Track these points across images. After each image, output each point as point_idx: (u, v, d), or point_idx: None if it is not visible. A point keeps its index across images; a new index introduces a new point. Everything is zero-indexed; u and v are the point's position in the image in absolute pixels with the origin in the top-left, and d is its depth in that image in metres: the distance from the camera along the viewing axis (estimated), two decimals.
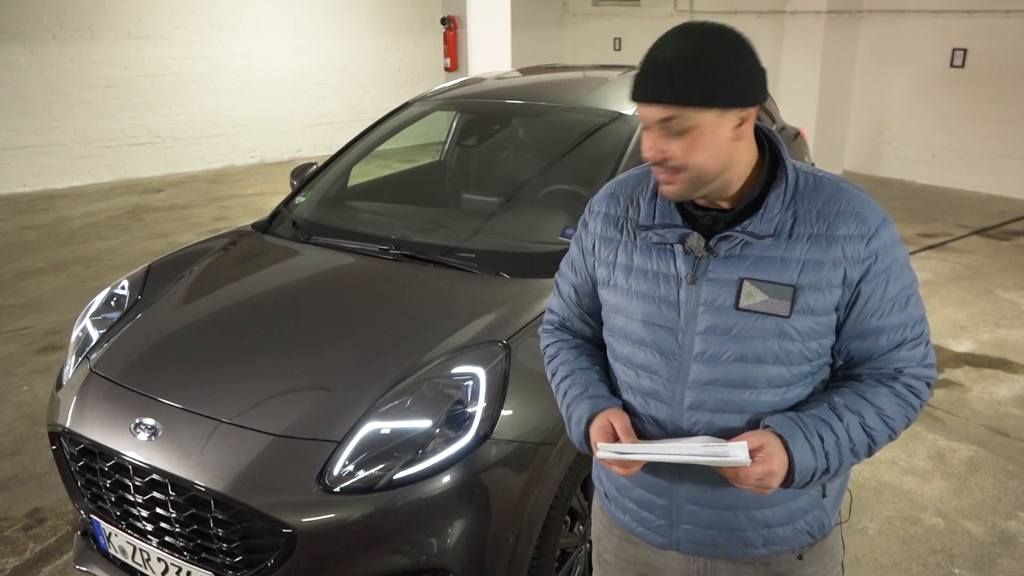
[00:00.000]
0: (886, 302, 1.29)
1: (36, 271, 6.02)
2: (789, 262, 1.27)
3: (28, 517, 3.12)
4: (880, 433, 1.31)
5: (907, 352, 1.32)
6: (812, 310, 1.27)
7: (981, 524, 3.03)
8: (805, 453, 1.25)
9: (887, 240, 1.28)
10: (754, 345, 1.29)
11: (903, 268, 1.31)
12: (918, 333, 1.33)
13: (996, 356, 4.44)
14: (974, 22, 7.83)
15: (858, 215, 1.28)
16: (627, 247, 1.39)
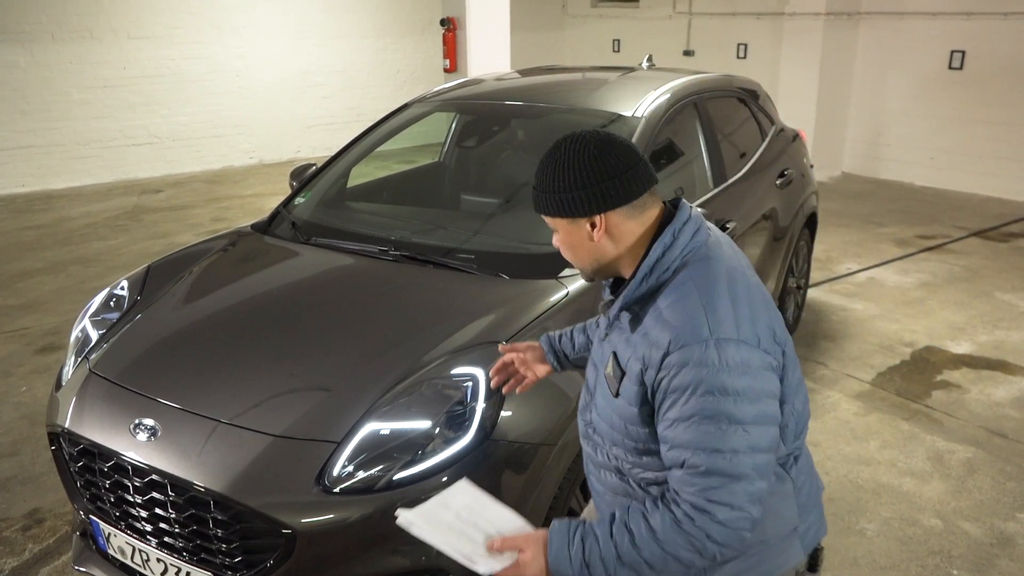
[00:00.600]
0: (674, 418, 1.33)
1: (35, 271, 6.02)
2: (630, 346, 1.43)
3: (27, 518, 3.12)
4: (655, 557, 1.32)
5: (683, 475, 1.32)
6: (626, 395, 1.43)
7: (979, 525, 3.03)
8: (562, 557, 1.36)
9: (695, 361, 1.31)
10: (606, 407, 1.49)
11: (708, 396, 1.30)
12: (696, 463, 1.30)
13: (994, 358, 4.45)
14: (972, 24, 7.84)
15: (672, 327, 1.35)
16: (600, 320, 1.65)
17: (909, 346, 4.58)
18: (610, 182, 1.40)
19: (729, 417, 1.30)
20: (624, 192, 1.41)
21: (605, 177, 1.40)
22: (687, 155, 3.58)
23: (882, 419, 3.79)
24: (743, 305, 1.37)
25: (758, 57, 9.43)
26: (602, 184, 1.40)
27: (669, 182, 3.45)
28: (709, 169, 3.58)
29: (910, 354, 4.49)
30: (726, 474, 1.30)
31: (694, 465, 1.31)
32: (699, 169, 3.60)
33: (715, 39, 9.94)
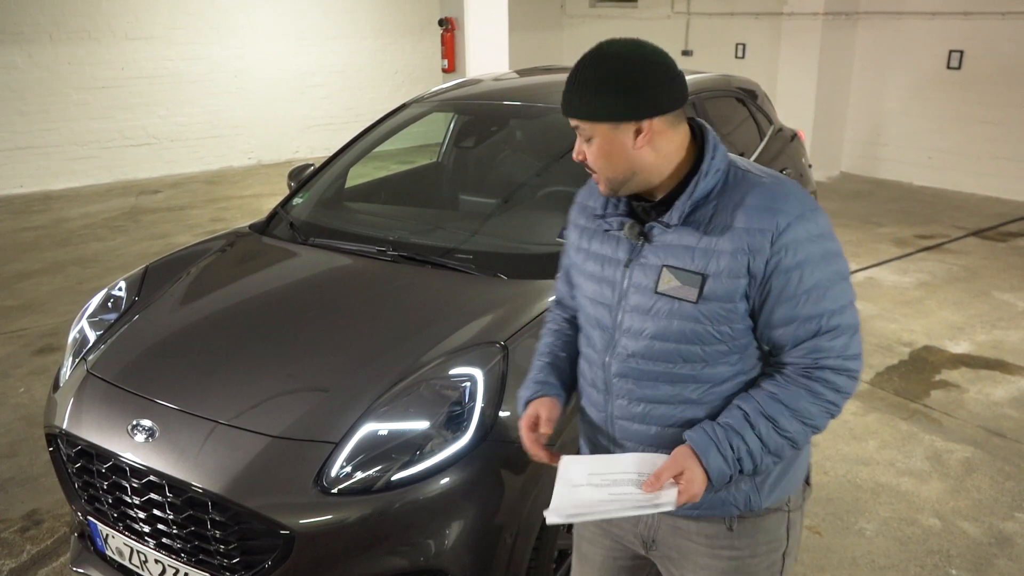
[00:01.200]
0: (800, 294, 1.36)
1: (33, 272, 6.02)
2: (703, 252, 1.39)
3: (25, 519, 3.11)
4: (798, 433, 1.39)
5: (826, 343, 1.37)
6: (718, 297, 1.38)
7: (978, 525, 3.03)
8: (718, 463, 1.37)
9: (799, 235, 1.35)
10: (669, 324, 1.42)
11: (821, 261, 1.36)
12: (834, 324, 1.37)
13: (993, 357, 4.45)
14: (971, 24, 7.85)
15: (769, 210, 1.36)
16: (589, 233, 1.57)
17: (908, 346, 4.59)
18: (665, 86, 1.37)
19: (840, 273, 1.39)
20: (675, 98, 1.39)
21: (661, 80, 1.36)
22: None
23: (881, 419, 3.79)
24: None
25: (756, 57, 9.43)
26: (658, 87, 1.36)
27: None
28: None
29: (909, 354, 4.49)
30: (855, 327, 1.39)
31: (833, 327, 1.36)
32: None
33: (713, 39, 9.95)
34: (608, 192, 1.46)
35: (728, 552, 1.53)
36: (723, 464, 1.37)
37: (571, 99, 1.40)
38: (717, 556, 1.53)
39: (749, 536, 1.52)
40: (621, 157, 1.40)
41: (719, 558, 1.53)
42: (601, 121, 1.38)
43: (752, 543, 1.53)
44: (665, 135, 1.40)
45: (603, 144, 1.39)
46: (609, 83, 1.35)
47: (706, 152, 1.42)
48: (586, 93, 1.37)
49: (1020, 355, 4.47)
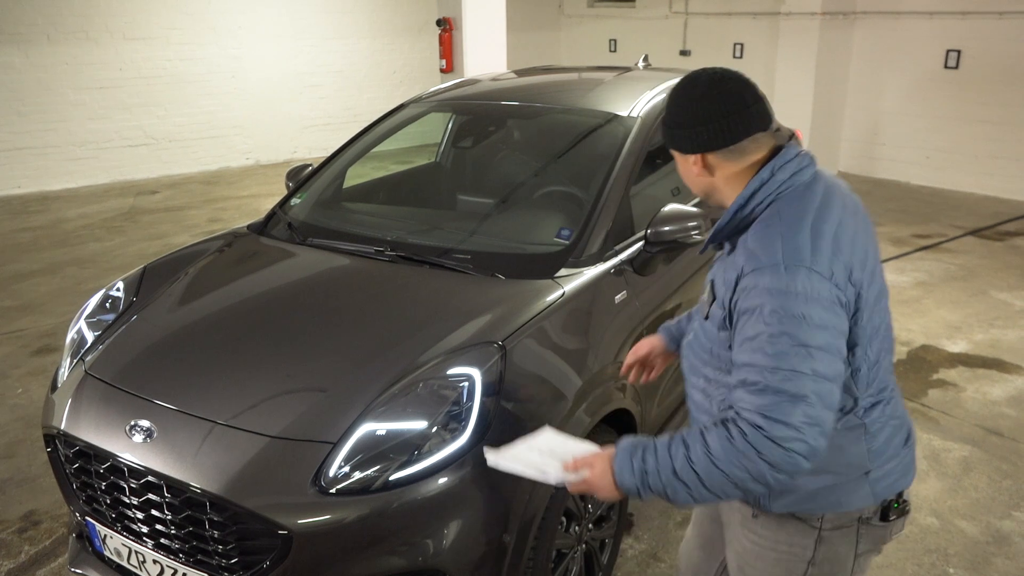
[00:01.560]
0: (742, 339, 1.41)
1: (31, 273, 6.01)
2: (721, 275, 1.53)
3: (23, 520, 3.11)
4: (705, 470, 1.39)
5: (744, 394, 1.39)
6: (712, 319, 1.54)
7: (976, 524, 3.04)
8: (625, 470, 1.48)
9: (760, 283, 1.39)
10: (700, 330, 1.63)
11: (770, 316, 1.36)
12: (755, 379, 1.36)
13: (990, 356, 4.46)
14: (968, 24, 7.86)
15: (751, 252, 1.43)
16: None
17: (905, 345, 4.59)
18: (705, 126, 1.48)
19: (793, 338, 1.34)
20: (720, 138, 1.48)
21: (701, 121, 1.49)
22: None
23: None
24: (826, 239, 1.41)
25: (754, 57, 9.44)
26: (697, 127, 1.49)
27: (665, 182, 3.45)
28: None
29: (907, 353, 4.50)
30: (785, 392, 1.34)
31: (754, 382, 1.37)
32: None
33: (711, 39, 9.96)
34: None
35: (753, 535, 1.65)
36: (628, 475, 1.47)
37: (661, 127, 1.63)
38: (744, 534, 1.67)
39: (771, 531, 1.61)
40: (690, 179, 1.59)
41: (746, 537, 1.67)
42: (671, 148, 1.59)
43: (774, 538, 1.61)
44: (721, 166, 1.52)
45: (680, 167, 1.61)
46: (669, 118, 1.55)
47: (752, 181, 1.49)
48: (662, 123, 1.60)
49: (1017, 354, 4.48)
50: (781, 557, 1.61)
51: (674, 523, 3.07)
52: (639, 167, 2.96)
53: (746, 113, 1.46)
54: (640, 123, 3.09)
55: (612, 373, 2.46)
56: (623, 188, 2.84)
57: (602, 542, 2.60)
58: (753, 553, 1.65)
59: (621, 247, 2.76)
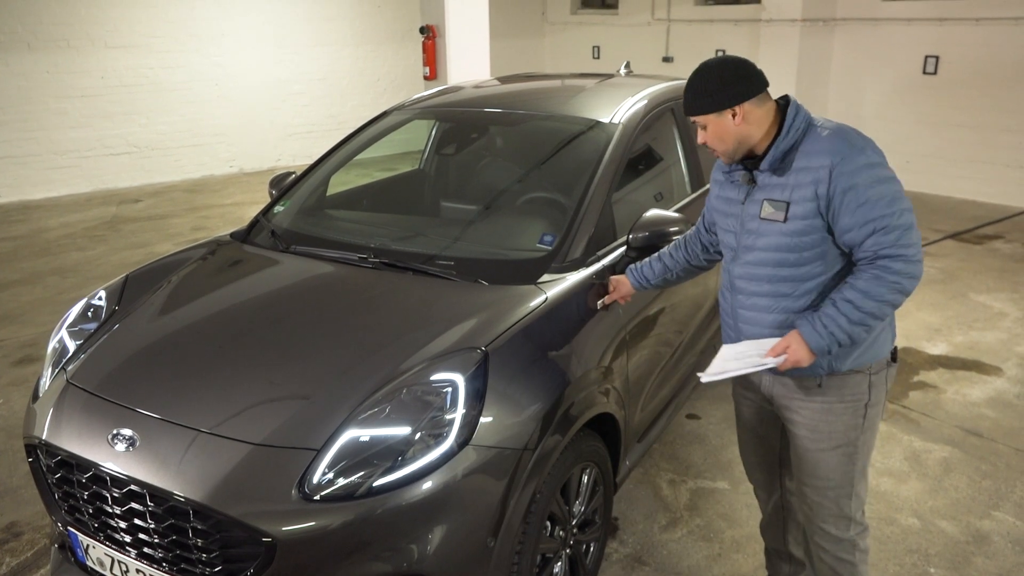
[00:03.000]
0: (856, 207, 1.90)
1: (12, 283, 5.96)
2: (787, 187, 2.00)
3: (4, 531, 3.08)
4: (876, 307, 1.91)
5: (878, 237, 1.89)
6: (798, 216, 1.98)
7: (956, 524, 3.07)
8: (815, 339, 1.96)
9: (848, 167, 1.91)
10: (769, 240, 2.05)
11: (869, 182, 1.90)
12: (885, 223, 1.89)
13: (969, 358, 4.51)
14: (945, 30, 7.96)
15: (829, 151, 1.94)
16: (722, 185, 2.23)
17: None
18: (742, 82, 2.00)
19: (893, 189, 1.93)
20: (752, 88, 2.01)
21: (737, 78, 2.01)
22: (665, 161, 3.61)
23: None
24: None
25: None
26: (737, 84, 2.00)
27: (647, 188, 3.48)
28: (687, 174, 3.62)
29: None
30: (906, 225, 1.90)
31: (884, 226, 1.88)
32: (677, 174, 3.63)
33: (694, 45, 10.03)
34: (728, 161, 2.12)
35: (819, 400, 2.13)
36: (819, 340, 1.95)
37: (688, 103, 2.06)
38: (811, 401, 2.14)
39: (836, 389, 2.11)
40: (729, 134, 2.04)
41: (813, 403, 2.14)
42: (708, 113, 2.02)
43: (839, 394, 2.11)
44: (754, 113, 2.02)
45: (713, 129, 2.05)
46: (710, 85, 2.01)
47: (787, 118, 2.02)
48: (697, 96, 2.03)
49: (996, 356, 4.54)
50: (847, 407, 2.11)
51: (659, 527, 3.08)
52: (621, 173, 2.99)
53: (758, 72, 2.03)
54: (622, 129, 3.11)
55: (595, 378, 2.48)
56: (605, 194, 2.86)
57: (587, 546, 2.61)
58: (822, 412, 2.12)
59: (604, 252, 2.78)
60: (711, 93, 2.01)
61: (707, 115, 2.03)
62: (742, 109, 2.00)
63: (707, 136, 2.07)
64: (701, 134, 2.08)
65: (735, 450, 2.77)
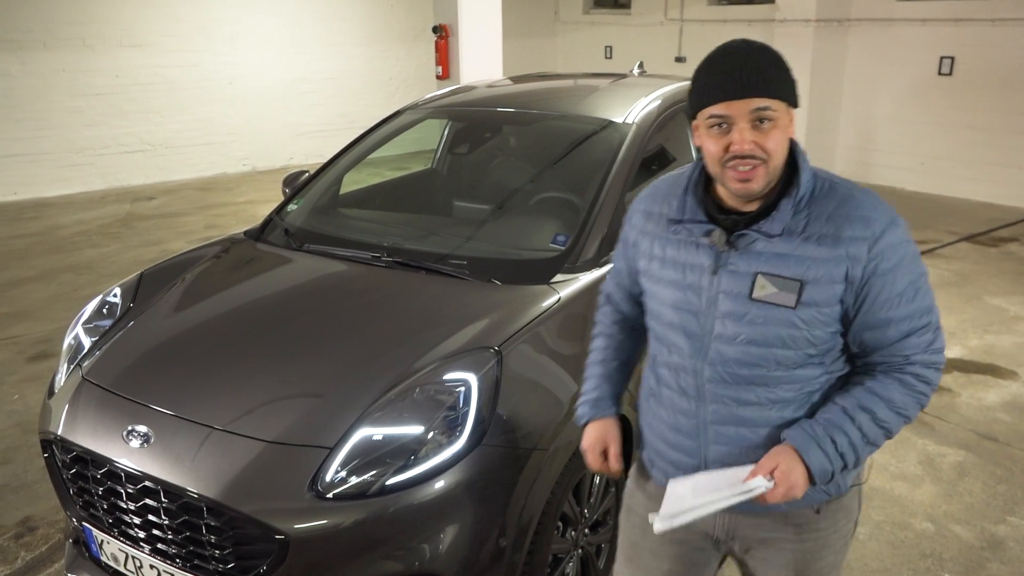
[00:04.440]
0: (894, 297, 1.43)
1: (27, 280, 6.01)
2: (799, 259, 1.43)
3: (19, 525, 3.11)
4: (893, 423, 1.47)
5: (915, 340, 1.46)
6: (816, 302, 1.43)
7: (970, 529, 3.05)
8: (819, 459, 1.43)
9: (893, 241, 1.42)
10: (764, 330, 1.46)
11: (911, 264, 1.44)
12: (924, 323, 1.46)
13: (984, 362, 4.47)
14: (961, 30, 7.91)
15: (864, 219, 1.42)
16: (661, 240, 1.58)
17: None
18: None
19: (926, 274, 1.48)
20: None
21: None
22: (678, 161, 3.60)
23: None
24: None
25: None
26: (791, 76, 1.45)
27: None
28: None
29: None
30: (938, 322, 1.49)
31: (924, 325, 1.46)
32: None
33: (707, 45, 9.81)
34: (755, 193, 1.44)
35: (815, 534, 1.61)
36: (824, 460, 1.43)
37: (762, 78, 1.39)
38: (804, 539, 1.60)
39: (833, 515, 1.61)
40: (785, 146, 1.45)
41: (806, 540, 1.61)
42: (790, 103, 1.43)
43: (834, 520, 1.62)
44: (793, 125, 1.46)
45: (783, 129, 1.42)
46: (782, 63, 1.42)
47: (799, 161, 1.47)
48: (771, 69, 1.40)
49: (1012, 360, 4.50)
50: (840, 534, 1.64)
51: None
52: (634, 173, 2.98)
53: None
54: (635, 129, 3.10)
55: None
56: (619, 194, 2.85)
57: (598, 547, 2.60)
58: (817, 547, 1.62)
59: None
60: (786, 72, 1.42)
61: (787, 103, 1.41)
62: (792, 118, 1.45)
63: (767, 136, 1.39)
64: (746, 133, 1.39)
65: None
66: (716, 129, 1.41)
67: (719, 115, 1.40)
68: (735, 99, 1.38)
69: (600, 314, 1.86)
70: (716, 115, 1.40)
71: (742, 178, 1.41)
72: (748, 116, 1.38)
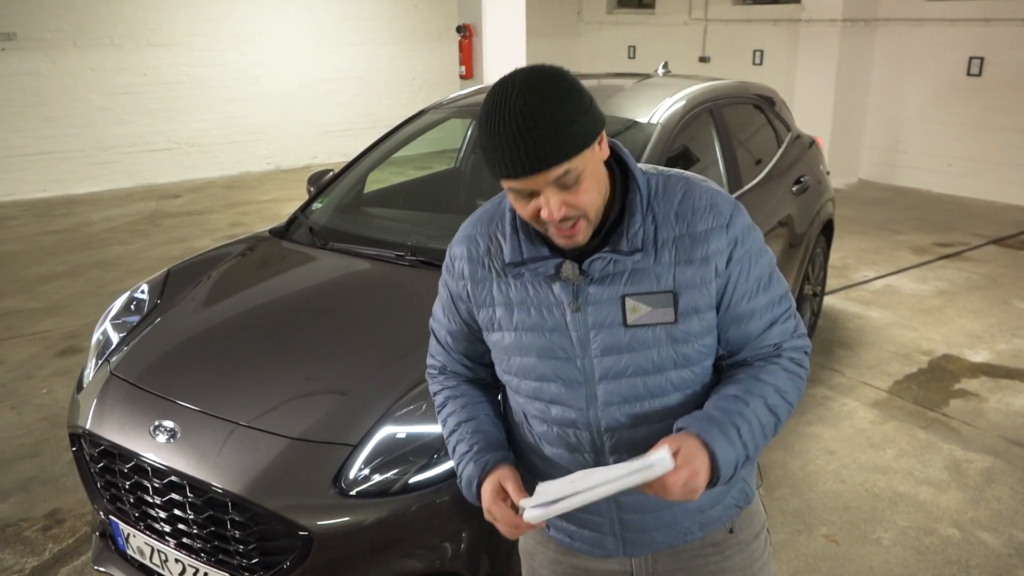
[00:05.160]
0: (751, 284, 1.33)
1: (56, 275, 6.09)
2: (661, 269, 1.29)
3: (47, 518, 3.16)
4: (781, 408, 1.34)
5: (779, 328, 1.37)
6: (696, 309, 1.30)
7: (998, 536, 3.01)
8: (725, 446, 1.25)
9: (742, 225, 1.32)
10: (651, 355, 1.31)
11: (761, 250, 1.36)
12: (784, 309, 1.38)
13: (1013, 366, 4.41)
14: (991, 30, 7.79)
15: (712, 206, 1.31)
16: (500, 285, 1.37)
17: (926, 354, 4.55)
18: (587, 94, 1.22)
19: (775, 262, 1.39)
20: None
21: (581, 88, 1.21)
22: (703, 161, 3.58)
23: (899, 428, 3.77)
24: None
25: (774, 63, 9.41)
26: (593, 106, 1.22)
27: None
28: (724, 175, 3.58)
29: (927, 362, 4.46)
30: (793, 310, 1.40)
31: (783, 313, 1.37)
32: (714, 175, 3.60)
33: (731, 45, 9.93)
34: (580, 243, 1.26)
35: (736, 549, 1.49)
36: (729, 448, 1.25)
37: (541, 148, 1.15)
38: (728, 557, 1.49)
39: (747, 526, 1.51)
40: (603, 177, 1.26)
41: (729, 557, 1.49)
42: (583, 151, 1.19)
43: (750, 530, 1.51)
44: (603, 144, 1.26)
45: (592, 171, 1.22)
46: (569, 107, 1.17)
47: (626, 160, 1.32)
48: (556, 129, 1.15)
49: None
50: (759, 540, 1.53)
51: None
52: None
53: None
54: (660, 130, 3.09)
55: None
56: None
57: None
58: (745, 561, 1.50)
59: None
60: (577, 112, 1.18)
61: (583, 151, 1.19)
62: (603, 136, 1.25)
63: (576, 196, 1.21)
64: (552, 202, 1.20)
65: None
66: (519, 197, 1.23)
67: (517, 189, 1.22)
68: (527, 175, 1.18)
69: (435, 385, 1.56)
70: (514, 189, 1.22)
71: (565, 236, 1.25)
72: (551, 184, 1.19)
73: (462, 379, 1.54)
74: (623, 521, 1.43)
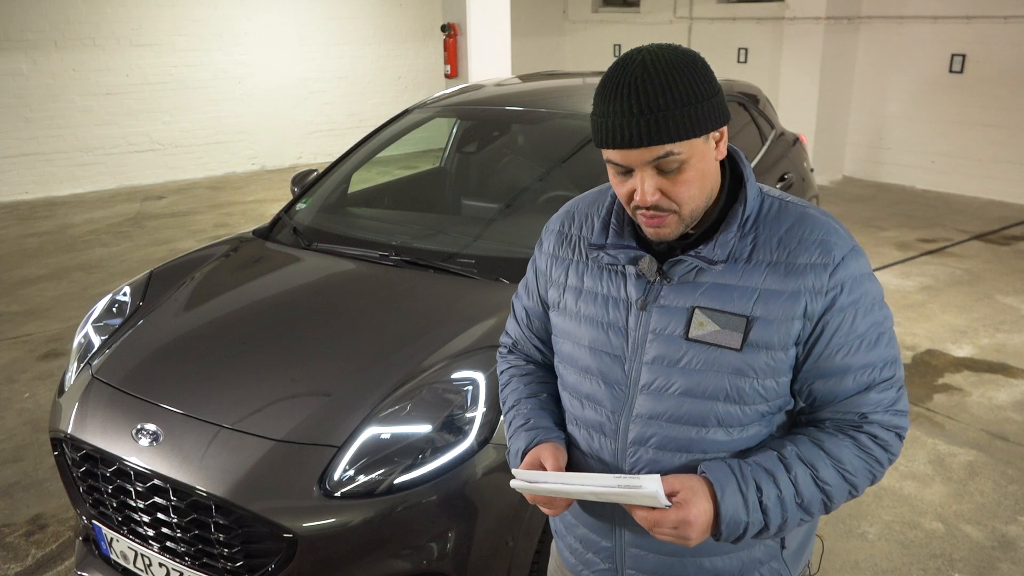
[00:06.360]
0: (853, 338, 1.19)
1: (38, 278, 6.04)
2: (745, 291, 1.19)
3: (30, 523, 3.13)
4: (837, 489, 1.20)
5: (875, 395, 1.21)
6: (767, 344, 1.18)
7: (981, 529, 3.03)
8: (735, 505, 1.15)
9: (855, 271, 1.19)
10: (704, 379, 1.20)
11: (874, 303, 1.21)
12: (888, 376, 1.21)
13: (996, 361, 4.45)
14: (973, 28, 7.85)
15: (822, 243, 1.19)
16: (578, 267, 1.33)
17: (911, 349, 4.58)
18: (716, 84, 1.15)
19: (891, 321, 1.24)
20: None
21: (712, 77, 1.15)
22: None
23: None
24: None
25: (759, 61, 9.45)
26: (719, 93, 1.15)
27: None
28: None
29: (911, 357, 4.49)
30: (900, 383, 1.24)
31: (886, 379, 1.21)
32: None
33: (716, 44, 9.96)
34: (670, 237, 1.20)
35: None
36: (740, 508, 1.14)
37: (652, 120, 1.09)
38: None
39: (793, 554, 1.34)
40: (709, 177, 1.18)
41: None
42: (694, 137, 1.13)
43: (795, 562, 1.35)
44: (721, 144, 1.19)
45: (699, 163, 1.15)
46: (693, 87, 1.11)
47: (744, 172, 1.24)
48: (674, 104, 1.10)
49: (1023, 358, 4.47)
50: None
51: None
52: None
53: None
54: None
55: None
56: None
57: None
58: None
59: None
60: (701, 96, 1.12)
61: (694, 138, 1.13)
62: (724, 131, 1.19)
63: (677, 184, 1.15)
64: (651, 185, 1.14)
65: None
66: (617, 173, 1.18)
67: (615, 162, 1.16)
68: (629, 148, 1.12)
69: (504, 363, 1.53)
70: (612, 161, 1.16)
71: (654, 226, 1.19)
72: (649, 164, 1.13)
73: (530, 361, 1.50)
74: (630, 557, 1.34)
